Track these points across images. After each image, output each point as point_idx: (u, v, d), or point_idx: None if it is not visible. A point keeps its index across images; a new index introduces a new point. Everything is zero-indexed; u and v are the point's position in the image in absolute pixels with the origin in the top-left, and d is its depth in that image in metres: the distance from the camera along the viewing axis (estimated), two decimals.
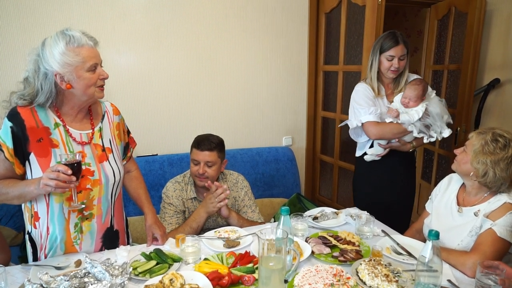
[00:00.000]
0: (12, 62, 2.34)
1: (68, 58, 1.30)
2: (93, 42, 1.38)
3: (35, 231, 1.47)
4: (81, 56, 1.32)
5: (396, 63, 2.08)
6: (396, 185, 2.24)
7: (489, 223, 1.43)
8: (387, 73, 2.14)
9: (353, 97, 2.23)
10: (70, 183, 1.27)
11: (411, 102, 2.09)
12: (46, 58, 1.30)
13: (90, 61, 1.35)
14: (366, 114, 2.14)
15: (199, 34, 2.76)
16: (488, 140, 1.47)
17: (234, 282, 1.31)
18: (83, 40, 1.33)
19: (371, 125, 2.13)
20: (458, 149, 1.61)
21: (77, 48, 1.32)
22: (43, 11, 2.34)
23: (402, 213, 2.29)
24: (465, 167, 1.54)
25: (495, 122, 3.12)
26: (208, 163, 1.92)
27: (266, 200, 2.89)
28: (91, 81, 1.37)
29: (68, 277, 1.23)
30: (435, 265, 1.16)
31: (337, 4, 2.93)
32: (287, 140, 3.25)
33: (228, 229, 1.77)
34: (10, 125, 1.35)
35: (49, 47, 1.30)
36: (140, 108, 2.71)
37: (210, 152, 1.92)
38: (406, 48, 2.09)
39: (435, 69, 3.43)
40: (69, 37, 1.31)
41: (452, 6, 3.09)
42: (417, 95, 2.07)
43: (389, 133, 2.12)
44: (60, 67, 1.30)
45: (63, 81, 1.33)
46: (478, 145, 1.48)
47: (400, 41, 2.07)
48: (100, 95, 1.44)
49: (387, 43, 2.09)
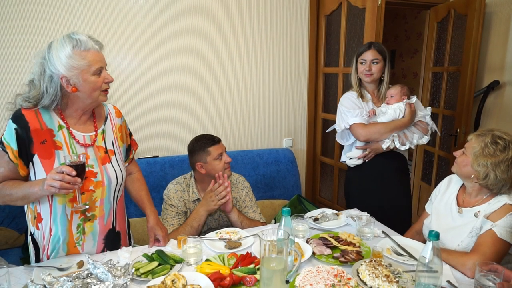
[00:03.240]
0: (16, 64, 2.35)
1: (75, 61, 1.31)
2: (99, 46, 1.40)
3: (37, 232, 1.48)
4: (87, 60, 1.34)
5: (367, 66, 2.19)
6: (386, 190, 2.24)
7: (489, 224, 1.44)
8: (363, 77, 2.24)
9: (341, 102, 2.32)
10: (74, 184, 1.28)
11: (392, 99, 2.19)
12: (52, 61, 1.31)
13: (96, 65, 1.36)
14: (352, 116, 2.22)
15: (199, 37, 2.78)
16: (488, 142, 1.47)
17: (235, 283, 1.32)
18: (89, 44, 1.35)
19: (358, 127, 2.20)
20: (458, 151, 1.62)
21: (83, 52, 1.33)
22: (45, 15, 2.35)
23: (399, 218, 2.25)
24: (465, 169, 1.55)
25: (494, 124, 3.13)
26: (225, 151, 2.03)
27: (266, 202, 2.90)
28: (97, 84, 1.39)
29: (71, 278, 1.24)
30: (435, 265, 1.17)
31: (337, 7, 2.94)
32: (287, 141, 3.26)
33: (230, 230, 1.78)
34: (15, 127, 1.36)
35: (55, 50, 1.32)
36: (142, 110, 2.72)
37: (222, 144, 2.04)
38: (380, 54, 2.19)
39: (434, 71, 3.45)
40: (76, 41, 1.32)
41: (452, 8, 3.11)
42: (399, 92, 2.18)
43: (376, 133, 2.17)
44: (67, 71, 1.32)
45: (69, 84, 1.35)
46: (478, 147, 1.49)
47: (372, 46, 2.19)
48: (104, 98, 1.46)
49: (361, 49, 2.25)
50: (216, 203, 1.86)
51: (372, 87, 2.30)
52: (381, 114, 2.21)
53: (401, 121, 2.15)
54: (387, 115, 2.17)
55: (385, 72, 2.23)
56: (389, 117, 2.16)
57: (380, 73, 2.22)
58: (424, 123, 2.23)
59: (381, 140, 2.18)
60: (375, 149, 2.21)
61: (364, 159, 2.26)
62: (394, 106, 2.17)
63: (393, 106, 2.18)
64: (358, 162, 2.27)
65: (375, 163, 2.25)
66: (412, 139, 2.18)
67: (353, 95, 2.28)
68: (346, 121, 2.23)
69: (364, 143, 2.24)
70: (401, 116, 2.15)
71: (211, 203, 1.86)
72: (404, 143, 2.17)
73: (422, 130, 2.22)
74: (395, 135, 2.14)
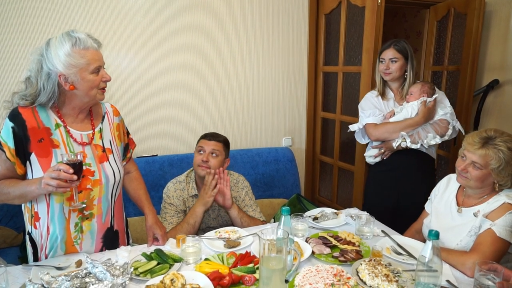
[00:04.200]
0: (13, 63, 2.34)
1: (74, 59, 1.31)
2: (97, 44, 1.39)
3: (35, 231, 1.47)
4: (86, 58, 1.33)
5: (384, 66, 2.20)
6: (403, 188, 2.23)
7: (489, 223, 1.44)
8: (383, 75, 2.25)
9: (360, 103, 2.35)
10: (71, 183, 1.28)
11: (412, 97, 2.18)
12: (50, 58, 1.31)
13: (95, 63, 1.36)
14: (366, 117, 2.25)
15: (198, 36, 2.77)
16: (506, 151, 1.45)
17: (235, 282, 1.32)
18: (88, 43, 1.34)
19: (370, 127, 2.24)
20: (462, 164, 1.54)
21: (82, 50, 1.33)
22: (44, 14, 2.35)
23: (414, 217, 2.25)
24: (487, 182, 1.52)
25: (494, 123, 3.13)
26: (214, 151, 1.97)
27: (266, 201, 2.90)
28: (95, 83, 1.38)
29: (70, 277, 1.24)
30: (435, 265, 1.16)
31: (337, 5, 2.93)
32: (287, 140, 3.26)
33: (229, 230, 1.77)
34: (12, 125, 1.36)
35: (54, 48, 1.31)
36: (141, 109, 2.71)
37: (216, 142, 2.00)
38: (400, 53, 2.18)
39: (434, 70, 3.44)
40: (75, 39, 1.31)
41: (451, 7, 3.10)
42: (419, 90, 2.16)
43: (385, 132, 2.18)
44: (65, 68, 1.31)
45: (67, 82, 1.34)
46: (498, 162, 1.45)
47: (392, 45, 2.19)
48: (101, 97, 1.45)
49: (382, 48, 2.26)
50: (210, 195, 1.86)
51: (395, 86, 2.29)
52: (398, 112, 2.20)
53: (413, 120, 2.12)
54: (400, 114, 2.17)
55: (408, 71, 2.21)
56: (401, 116, 2.16)
57: (401, 72, 2.21)
58: (445, 122, 2.16)
59: (393, 139, 2.18)
60: (389, 147, 2.21)
61: (382, 157, 2.27)
62: (408, 105, 2.16)
63: (408, 104, 2.17)
64: (376, 159, 2.30)
65: (395, 161, 2.25)
66: (425, 138, 2.15)
67: (372, 94, 2.31)
68: (361, 121, 2.28)
69: (379, 142, 2.25)
70: (414, 114, 2.13)
71: (205, 195, 1.87)
72: (416, 142, 2.14)
73: (440, 129, 2.15)
74: (404, 134, 2.13)
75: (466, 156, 1.53)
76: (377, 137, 2.22)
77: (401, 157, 2.22)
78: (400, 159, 2.23)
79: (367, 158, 2.37)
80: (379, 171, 2.34)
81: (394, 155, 2.24)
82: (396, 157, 2.24)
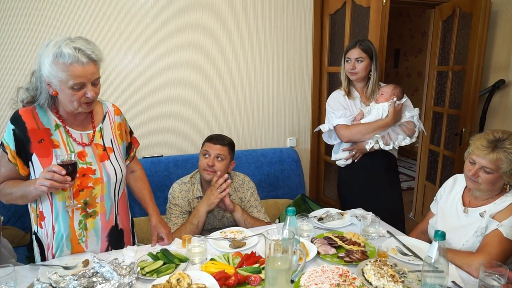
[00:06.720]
0: (20, 62, 2.36)
1: (54, 71, 1.30)
2: (89, 59, 1.31)
3: (41, 230, 1.49)
4: (66, 73, 1.29)
5: (350, 65, 2.22)
6: (377, 190, 2.24)
7: (495, 223, 1.44)
8: (348, 75, 2.26)
9: (327, 102, 2.34)
10: (65, 183, 1.30)
11: (382, 97, 2.20)
12: (42, 61, 1.33)
13: (75, 80, 1.30)
14: (336, 117, 2.24)
15: (204, 36, 2.78)
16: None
17: (240, 282, 1.32)
18: (73, 59, 1.28)
19: (341, 128, 2.23)
20: (472, 169, 1.52)
21: (63, 64, 1.28)
22: (50, 13, 2.37)
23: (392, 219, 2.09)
24: (498, 185, 1.51)
25: (500, 123, 3.11)
26: (219, 156, 1.95)
27: (270, 201, 2.90)
28: (72, 98, 1.35)
29: (77, 277, 1.25)
30: (441, 265, 1.16)
31: (342, 6, 2.93)
32: (291, 141, 3.26)
33: (234, 230, 1.78)
34: (13, 127, 1.41)
35: (44, 52, 1.31)
36: (146, 109, 2.72)
37: (222, 146, 1.98)
38: (365, 53, 2.19)
39: (439, 70, 3.43)
40: (60, 52, 1.27)
41: (457, 7, 3.09)
42: (391, 91, 2.19)
43: (358, 134, 2.19)
44: (48, 75, 1.32)
45: (51, 87, 1.36)
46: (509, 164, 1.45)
47: (357, 45, 2.20)
48: (86, 109, 1.43)
49: (347, 47, 2.27)
50: (217, 196, 1.87)
51: (360, 85, 2.31)
52: (367, 114, 2.22)
53: (384, 121, 2.15)
54: (371, 115, 2.19)
55: (372, 70, 2.23)
56: (372, 117, 2.18)
57: (366, 72, 2.23)
58: (411, 124, 2.22)
59: (365, 141, 2.19)
60: (361, 149, 2.22)
61: (352, 159, 2.28)
62: (378, 106, 2.19)
63: (377, 105, 2.19)
64: (347, 162, 2.30)
65: (364, 163, 2.26)
66: (396, 140, 2.19)
67: (339, 94, 2.31)
68: (331, 122, 2.26)
69: (349, 144, 2.26)
70: (384, 115, 2.16)
71: (211, 196, 1.87)
72: (388, 143, 2.18)
73: (408, 130, 2.21)
74: (378, 136, 2.16)
75: (476, 161, 1.51)
76: (349, 138, 2.22)
77: (368, 158, 2.24)
78: (367, 160, 2.24)
79: (337, 161, 2.35)
80: (348, 173, 2.34)
81: (364, 157, 2.25)
82: (363, 159, 2.25)
